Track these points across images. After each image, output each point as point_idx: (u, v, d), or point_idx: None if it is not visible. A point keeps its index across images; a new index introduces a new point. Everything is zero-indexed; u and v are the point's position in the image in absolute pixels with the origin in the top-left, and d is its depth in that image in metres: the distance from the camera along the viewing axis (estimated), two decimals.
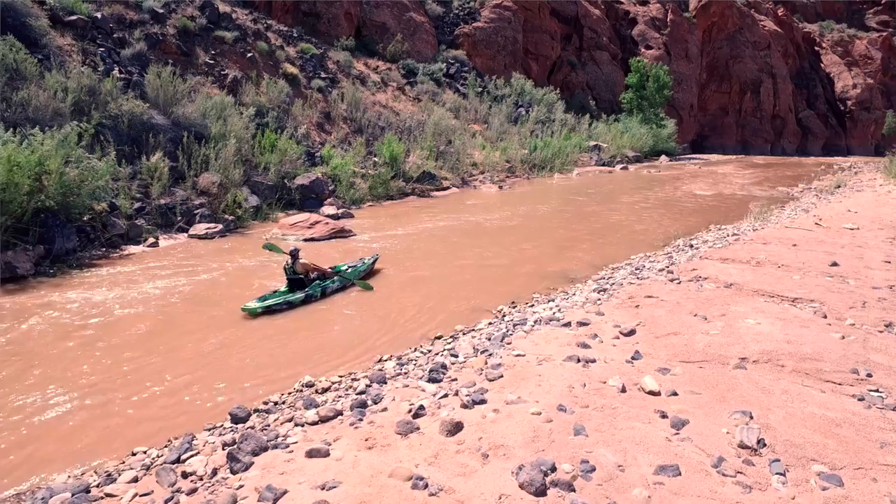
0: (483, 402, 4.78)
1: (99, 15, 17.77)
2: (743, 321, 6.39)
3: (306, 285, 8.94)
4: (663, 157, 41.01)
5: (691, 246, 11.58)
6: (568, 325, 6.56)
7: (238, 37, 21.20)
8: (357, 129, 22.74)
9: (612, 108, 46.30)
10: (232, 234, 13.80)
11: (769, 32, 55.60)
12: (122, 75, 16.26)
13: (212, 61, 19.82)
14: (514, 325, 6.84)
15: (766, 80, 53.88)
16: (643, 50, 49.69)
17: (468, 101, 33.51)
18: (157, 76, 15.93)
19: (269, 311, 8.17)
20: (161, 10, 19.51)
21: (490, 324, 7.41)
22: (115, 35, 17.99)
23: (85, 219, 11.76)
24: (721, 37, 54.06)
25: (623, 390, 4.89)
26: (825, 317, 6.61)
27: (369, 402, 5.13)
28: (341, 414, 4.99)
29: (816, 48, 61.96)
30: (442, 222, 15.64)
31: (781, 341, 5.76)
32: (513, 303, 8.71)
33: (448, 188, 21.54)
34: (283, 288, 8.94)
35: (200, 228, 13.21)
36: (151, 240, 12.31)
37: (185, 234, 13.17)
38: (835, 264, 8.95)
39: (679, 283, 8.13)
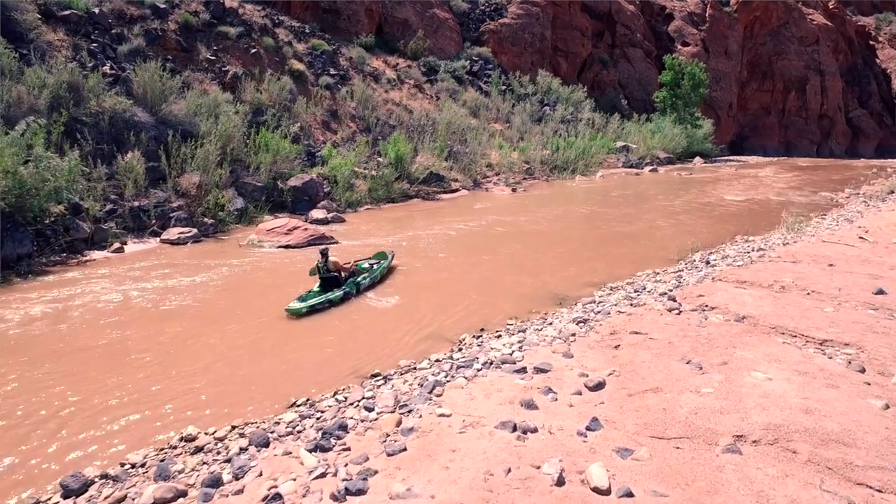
0: (361, 492, 3.46)
1: (97, 10, 17.13)
2: (749, 374, 4.85)
3: (341, 283, 8.86)
4: (697, 159, 38.52)
5: (707, 262, 9.91)
6: (522, 370, 5.15)
7: (242, 32, 20.35)
8: (365, 128, 21.61)
9: (645, 107, 43.93)
10: (208, 238, 12.81)
11: (818, 27, 51.94)
12: (113, 71, 15.53)
13: (213, 57, 19.01)
14: (458, 368, 5.48)
15: (813, 78, 50.32)
16: (679, 47, 47.06)
17: (490, 100, 32.03)
18: (144, 72, 15.11)
19: (312, 310, 8.10)
20: (163, 6, 18.79)
21: (437, 361, 6.05)
22: (113, 31, 17.34)
23: (46, 222, 10.93)
24: (764, 32, 50.78)
25: (560, 482, 3.48)
26: (862, 371, 5.00)
27: (226, 479, 3.89)
28: (185, 495, 3.75)
29: (871, 42, 57.68)
30: (438, 229, 14.31)
31: (797, 410, 4.23)
32: (480, 331, 7.33)
33: (457, 190, 20.18)
34: (316, 287, 8.78)
35: (173, 233, 12.27)
36: (117, 245, 11.40)
37: (158, 239, 12.25)
38: (881, 292, 7.20)
39: (679, 312, 6.59)
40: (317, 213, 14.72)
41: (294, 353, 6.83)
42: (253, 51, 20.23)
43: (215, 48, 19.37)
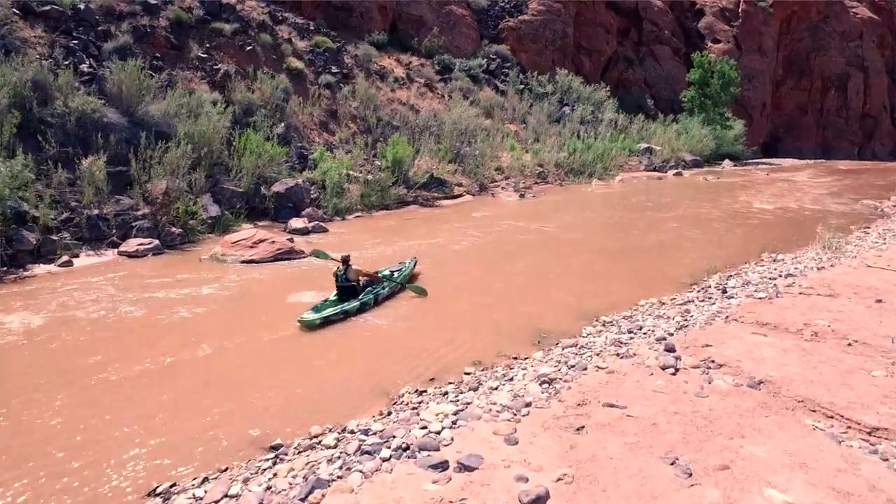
0: None
1: (82, 6, 16.24)
2: (760, 493, 3.30)
3: (359, 293, 8.39)
4: (726, 162, 36.12)
5: (724, 291, 8.22)
6: (442, 466, 3.70)
7: (238, 29, 19.28)
8: (366, 129, 20.33)
9: (672, 107, 41.61)
10: (173, 250, 11.66)
11: (862, 20, 48.53)
12: (91, 70, 14.58)
13: (205, 55, 17.97)
14: (363, 453, 4.05)
15: (856, 75, 47.02)
16: (710, 44, 44.48)
17: (506, 99, 30.44)
18: (120, 70, 14.09)
19: (327, 322, 7.60)
20: (154, 1, 17.83)
21: (350, 433, 4.63)
22: (99, 28, 16.43)
23: None
24: (802, 27, 47.68)
25: None
26: None
27: None
28: None
29: None
30: (428, 241, 12.88)
31: None
32: (430, 380, 5.90)
33: (460, 196, 18.72)
34: (332, 296, 8.35)
35: (133, 244, 11.15)
36: (66, 258, 10.33)
37: (116, 251, 11.15)
38: None
39: (675, 371, 5.02)
40: (296, 223, 13.47)
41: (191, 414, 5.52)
42: (248, 48, 19.14)
43: (208, 45, 18.33)
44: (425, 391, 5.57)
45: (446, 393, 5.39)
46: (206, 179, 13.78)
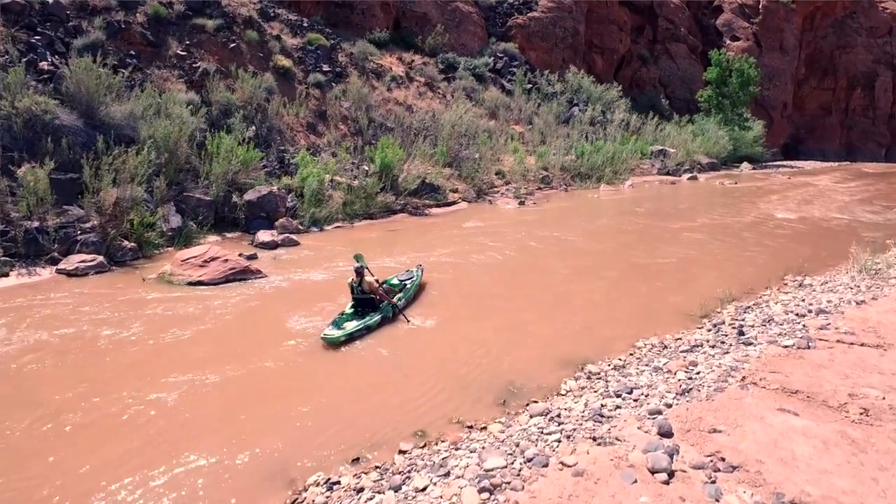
0: None
1: (51, 0, 15.14)
2: None
3: (376, 305, 7.92)
4: (745, 165, 34.16)
5: (740, 332, 6.66)
6: None
7: (222, 25, 18.05)
8: (357, 131, 19.00)
9: (688, 107, 39.69)
10: (122, 267, 10.40)
11: (891, 15, 45.93)
12: (51, 68, 13.43)
13: (184, 52, 16.77)
14: None
15: (884, 73, 44.50)
16: (728, 42, 42.39)
17: (512, 99, 28.91)
18: (80, 67, 12.90)
19: (350, 338, 7.23)
20: None
21: None
22: (70, 23, 15.31)
23: None
24: (826, 24, 45.30)
25: None
26: None
27: None
28: None
29: None
30: (407, 257, 11.48)
31: None
32: (354, 460, 4.50)
33: (455, 203, 17.28)
34: (348, 309, 7.94)
35: (73, 261, 9.91)
36: None
37: (55, 269, 9.93)
38: None
39: (668, 478, 3.55)
40: (264, 236, 12.14)
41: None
42: (232, 45, 17.90)
43: (188, 43, 17.12)
44: (338, 483, 4.16)
45: (361, 490, 3.97)
46: (170, 187, 12.55)
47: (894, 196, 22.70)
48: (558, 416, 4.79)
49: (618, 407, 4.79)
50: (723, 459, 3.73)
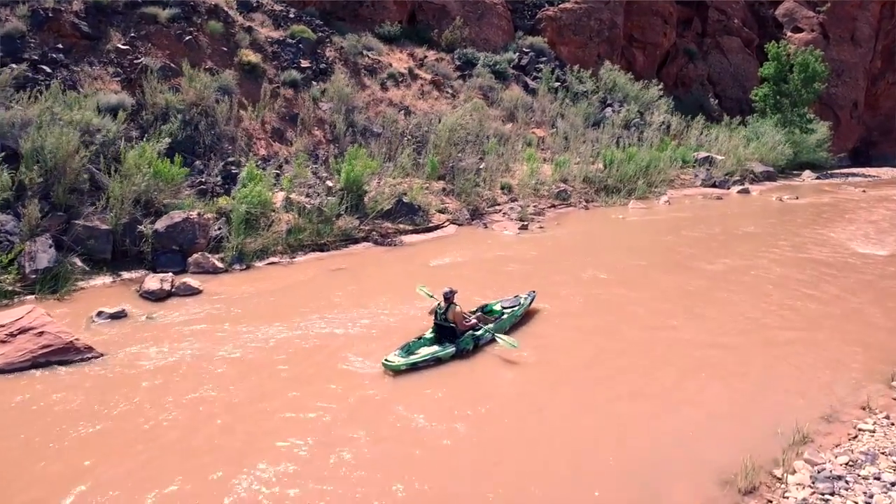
0: None
1: None
2: None
3: (457, 335, 7.05)
4: (807, 173, 28.83)
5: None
6: None
7: (178, 15, 15.00)
8: (333, 138, 15.63)
9: (741, 107, 34.37)
10: None
11: None
12: None
13: (126, 46, 13.82)
14: None
15: None
16: (789, 34, 36.60)
17: (536, 99, 24.89)
18: None
19: (414, 367, 6.57)
20: None
21: None
22: None
23: None
24: None
25: None
26: None
27: None
28: None
29: None
30: (332, 324, 8.02)
31: None
32: None
33: (439, 227, 13.63)
34: (429, 333, 7.23)
35: None
36: None
37: None
38: None
39: None
40: (151, 282, 8.89)
41: None
42: (187, 38, 14.83)
43: (133, 35, 14.16)
44: None
45: None
46: (51, 213, 9.54)
47: None
48: None
49: None
50: None
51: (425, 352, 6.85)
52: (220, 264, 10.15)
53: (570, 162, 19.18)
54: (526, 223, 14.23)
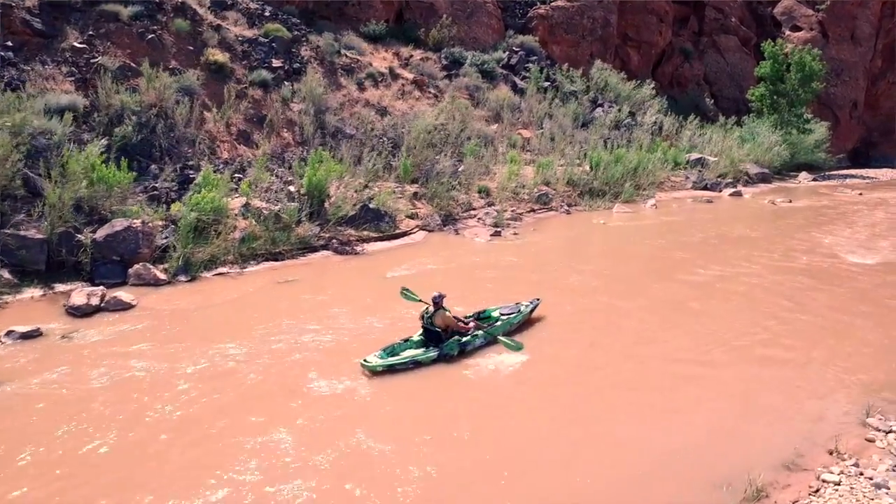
0: None
1: None
2: None
3: (443, 340, 6.85)
4: (803, 175, 27.97)
5: None
6: None
7: (141, 13, 14.39)
8: (303, 141, 14.97)
9: (738, 108, 33.50)
10: None
11: None
12: None
13: (83, 45, 13.20)
14: None
15: None
16: (787, 32, 35.68)
17: (524, 99, 24.17)
18: None
19: (391, 369, 6.44)
20: None
21: None
22: None
23: None
24: None
25: None
26: None
27: None
28: None
29: None
30: (253, 343, 7.36)
31: None
32: None
33: (408, 233, 12.94)
34: (416, 336, 7.06)
35: None
36: None
37: None
38: None
39: None
40: (78, 297, 8.22)
41: None
42: (150, 37, 14.21)
43: (91, 33, 13.55)
44: None
45: None
46: None
47: None
48: None
49: None
50: None
51: (407, 354, 6.71)
52: (162, 276, 9.50)
53: (554, 164, 18.45)
54: (500, 229, 13.52)
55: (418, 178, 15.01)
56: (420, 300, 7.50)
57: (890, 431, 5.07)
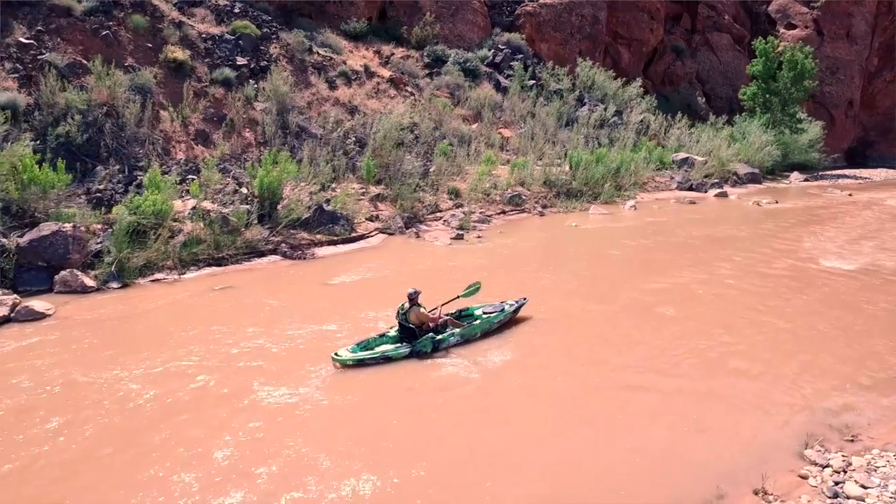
0: None
1: None
2: None
3: (417, 337, 6.82)
4: (794, 175, 27.27)
5: None
6: None
7: (96, 8, 13.90)
8: (265, 141, 14.44)
9: (731, 106, 32.82)
10: None
11: None
12: None
13: (30, 41, 12.72)
14: None
15: None
16: (782, 30, 34.91)
17: (507, 98, 23.61)
18: None
19: (361, 364, 6.39)
20: None
21: None
22: None
23: None
24: None
25: None
26: None
27: None
28: None
29: None
30: (172, 356, 6.84)
31: None
32: None
33: (365, 236, 12.40)
34: (392, 332, 7.02)
35: None
36: None
37: None
38: None
39: None
40: None
41: None
42: (105, 33, 13.71)
43: (40, 28, 13.06)
44: None
45: None
46: None
47: None
48: None
49: None
50: None
51: (380, 350, 6.67)
52: (91, 282, 8.99)
53: (530, 164, 17.85)
54: (462, 232, 12.95)
55: (383, 179, 14.47)
56: (465, 295, 7.71)
57: (826, 466, 4.48)
